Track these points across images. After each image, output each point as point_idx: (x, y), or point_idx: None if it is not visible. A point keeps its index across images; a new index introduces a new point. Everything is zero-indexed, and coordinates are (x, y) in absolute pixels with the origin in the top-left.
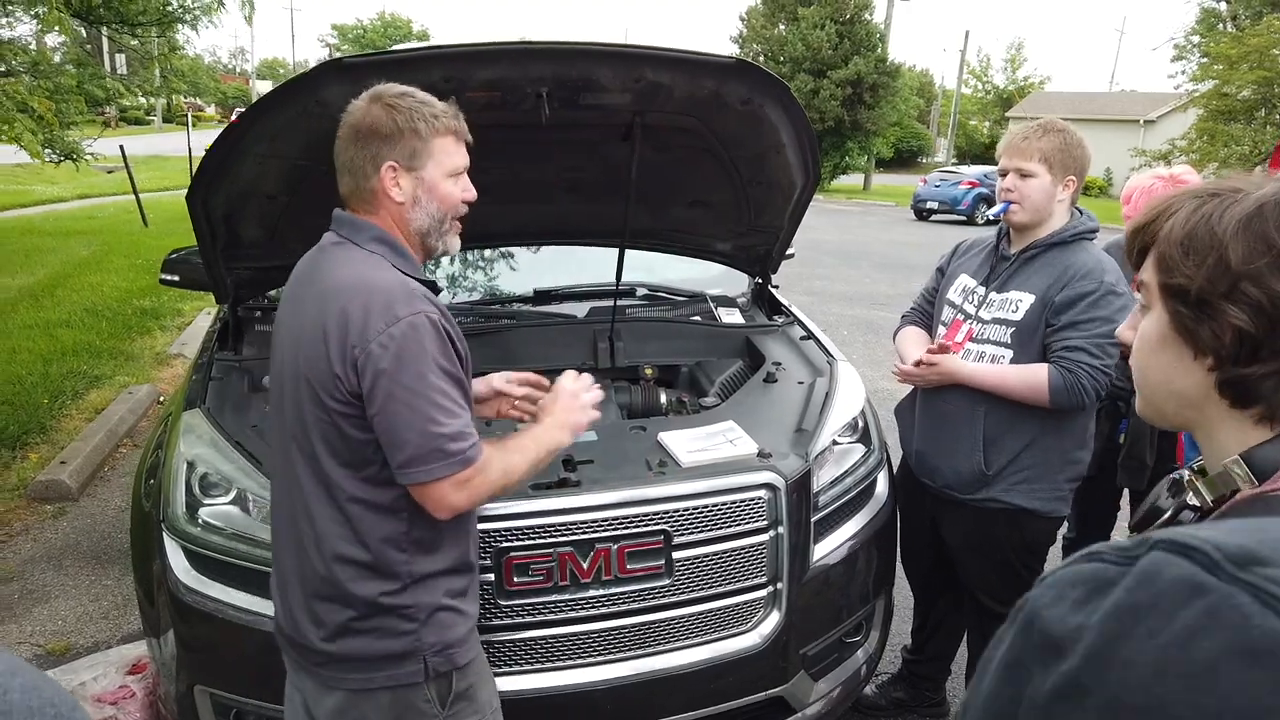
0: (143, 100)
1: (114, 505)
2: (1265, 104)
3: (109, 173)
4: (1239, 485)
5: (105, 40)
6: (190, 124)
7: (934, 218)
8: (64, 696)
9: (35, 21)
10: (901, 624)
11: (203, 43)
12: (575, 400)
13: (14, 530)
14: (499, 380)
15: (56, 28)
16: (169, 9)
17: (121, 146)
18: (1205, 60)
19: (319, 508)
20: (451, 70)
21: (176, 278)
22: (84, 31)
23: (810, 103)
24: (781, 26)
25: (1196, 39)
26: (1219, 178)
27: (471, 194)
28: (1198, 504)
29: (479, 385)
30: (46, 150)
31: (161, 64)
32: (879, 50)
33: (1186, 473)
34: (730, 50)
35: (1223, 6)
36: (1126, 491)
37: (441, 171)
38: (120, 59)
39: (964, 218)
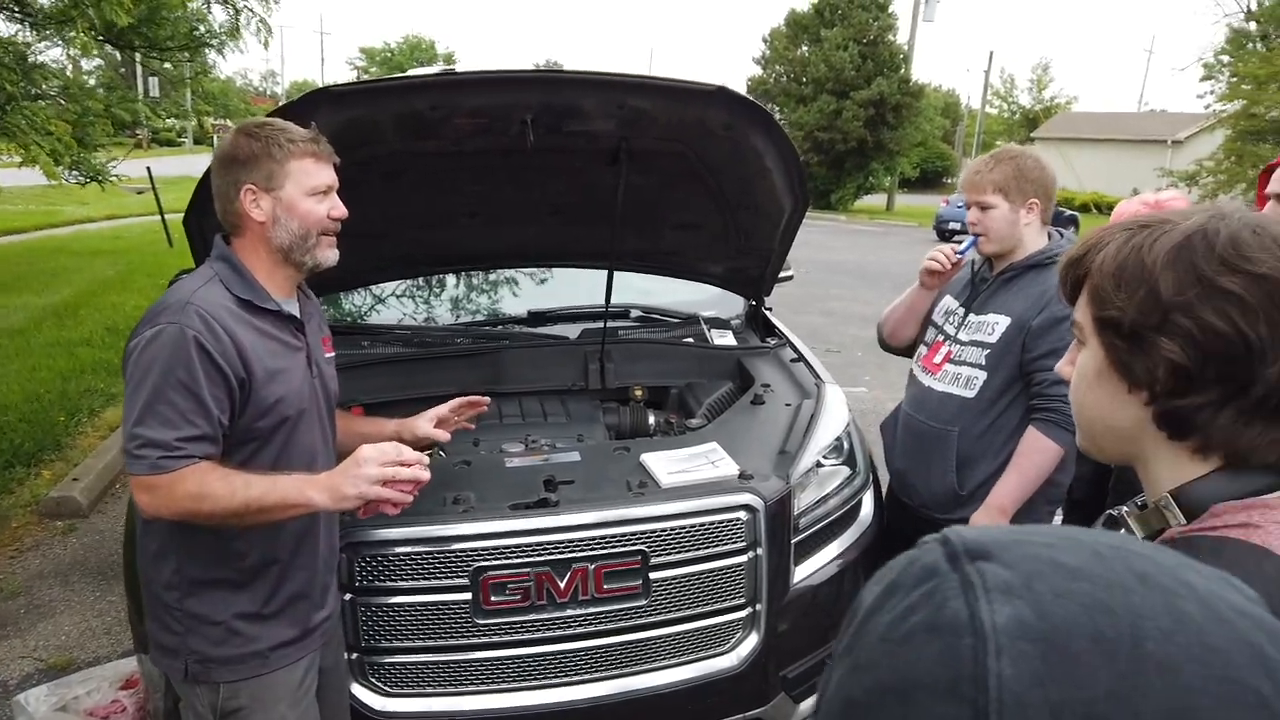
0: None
1: (123, 522)
2: None
3: (138, 194)
4: (1169, 523)
5: (139, 65)
6: (216, 145)
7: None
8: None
9: (65, 46)
10: None
11: (234, 66)
12: (353, 468)
13: (24, 546)
14: (425, 422)
15: (83, 50)
16: (196, 34)
17: (148, 168)
18: (1234, 80)
19: None
20: (438, 98)
21: None
22: (117, 55)
23: (833, 123)
24: (804, 48)
25: (1226, 59)
26: (1209, 201)
27: (340, 211)
28: None
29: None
30: (71, 172)
31: (193, 87)
32: (902, 70)
33: (1124, 509)
34: (753, 71)
35: (1252, 26)
36: None
37: (300, 190)
38: (154, 82)
39: None
